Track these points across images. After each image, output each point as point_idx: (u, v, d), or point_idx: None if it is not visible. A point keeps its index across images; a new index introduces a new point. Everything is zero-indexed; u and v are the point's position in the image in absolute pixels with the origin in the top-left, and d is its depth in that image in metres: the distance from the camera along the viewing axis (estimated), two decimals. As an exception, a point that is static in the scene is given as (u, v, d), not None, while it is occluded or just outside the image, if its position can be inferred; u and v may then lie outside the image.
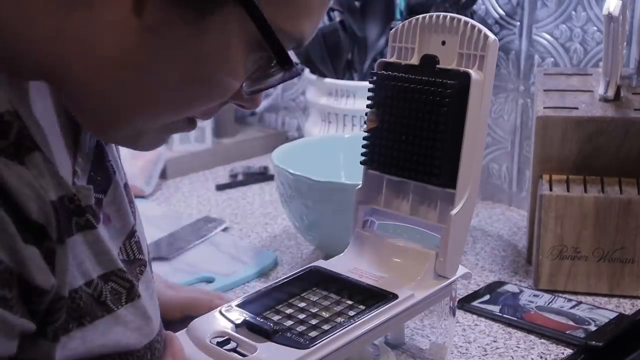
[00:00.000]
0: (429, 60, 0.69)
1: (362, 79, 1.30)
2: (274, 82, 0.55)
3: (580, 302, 0.94)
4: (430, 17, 0.69)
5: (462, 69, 0.66)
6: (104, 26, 0.49)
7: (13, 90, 0.50)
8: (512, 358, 0.84)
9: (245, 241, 1.13)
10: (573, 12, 1.18)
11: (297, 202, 1.00)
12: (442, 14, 0.69)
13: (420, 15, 0.70)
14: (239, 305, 0.65)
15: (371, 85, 0.71)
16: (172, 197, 1.31)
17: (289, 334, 0.61)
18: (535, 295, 0.95)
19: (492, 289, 0.98)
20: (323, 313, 0.65)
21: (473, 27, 0.67)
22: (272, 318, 0.64)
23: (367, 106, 0.71)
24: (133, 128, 0.55)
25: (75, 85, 0.52)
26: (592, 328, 0.88)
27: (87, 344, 0.52)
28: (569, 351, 0.85)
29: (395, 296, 0.66)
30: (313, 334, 0.61)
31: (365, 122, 0.71)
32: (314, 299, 0.67)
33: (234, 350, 0.60)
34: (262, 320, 0.63)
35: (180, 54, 0.51)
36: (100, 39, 0.49)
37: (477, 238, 1.15)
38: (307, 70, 1.34)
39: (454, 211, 0.67)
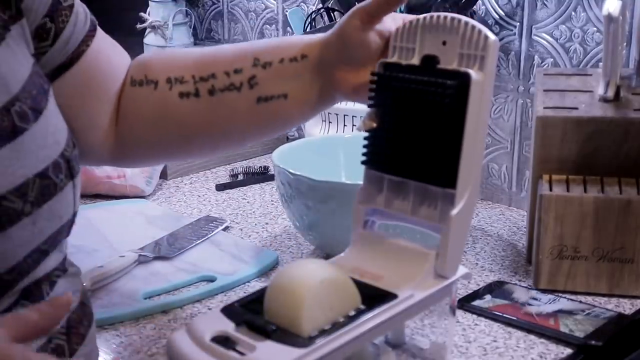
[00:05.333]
0: (429, 61, 0.69)
1: (362, 79, 1.30)
2: None
3: (580, 302, 0.94)
4: (431, 17, 0.69)
5: (462, 69, 0.66)
6: None
7: None
8: (512, 357, 0.84)
9: (246, 241, 1.13)
10: (573, 13, 1.18)
11: (297, 202, 1.01)
12: (442, 14, 0.69)
13: (421, 16, 0.70)
14: (239, 305, 0.66)
15: (372, 86, 0.71)
16: (173, 197, 1.31)
17: (288, 333, 0.61)
18: (534, 295, 0.96)
19: (492, 288, 0.98)
20: (323, 312, 0.65)
21: (473, 27, 0.67)
22: (272, 317, 0.64)
23: (368, 106, 0.71)
24: None
25: None
26: (592, 328, 0.88)
27: None
28: (568, 351, 0.85)
29: (395, 296, 0.66)
30: (313, 333, 0.61)
31: (362, 122, 0.71)
32: (314, 299, 0.67)
33: (233, 349, 0.60)
34: (261, 319, 0.63)
35: None
36: None
37: (477, 238, 1.15)
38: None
39: (454, 211, 0.67)
